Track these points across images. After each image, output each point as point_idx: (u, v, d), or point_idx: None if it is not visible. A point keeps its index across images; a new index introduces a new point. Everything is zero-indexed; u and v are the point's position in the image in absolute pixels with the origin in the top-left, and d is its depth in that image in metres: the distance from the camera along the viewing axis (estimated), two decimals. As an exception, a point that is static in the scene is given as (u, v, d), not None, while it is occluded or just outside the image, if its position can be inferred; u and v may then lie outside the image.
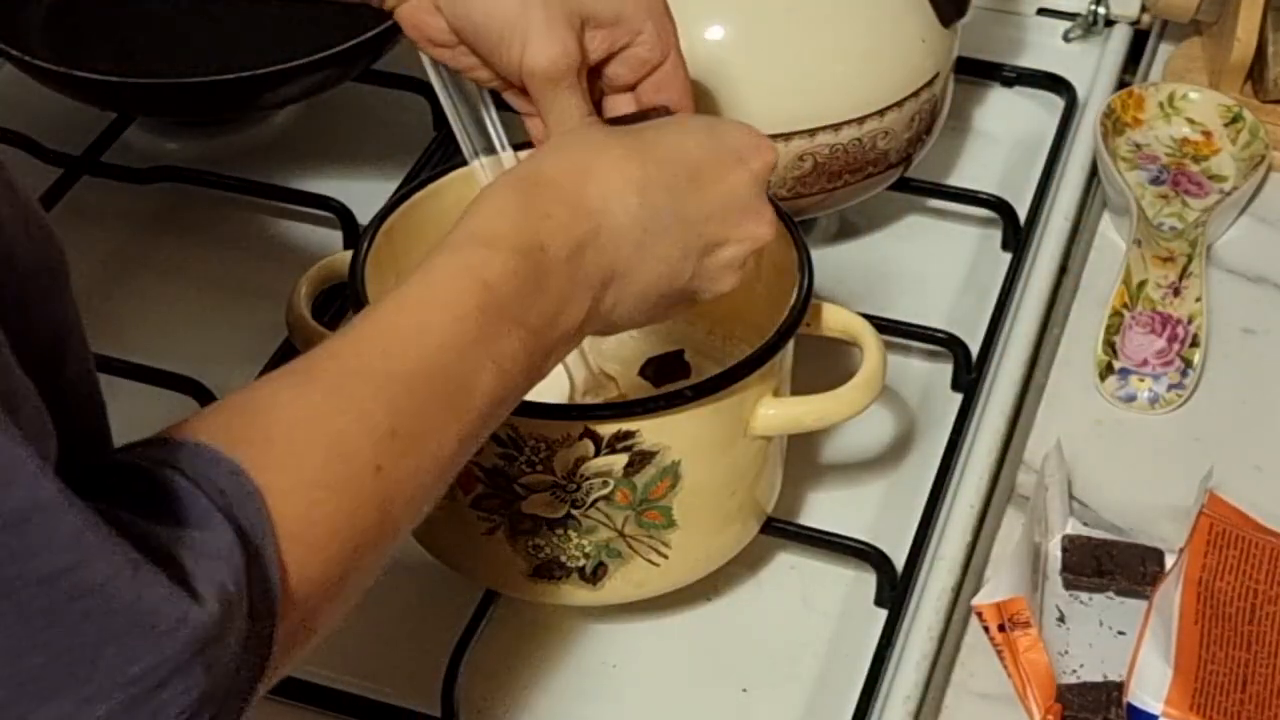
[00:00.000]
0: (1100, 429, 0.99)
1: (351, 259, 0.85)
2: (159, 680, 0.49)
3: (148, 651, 0.49)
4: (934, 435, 1.00)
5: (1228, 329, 1.04)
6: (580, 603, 0.87)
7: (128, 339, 1.04)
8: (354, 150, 1.21)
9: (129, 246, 1.15)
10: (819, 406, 0.85)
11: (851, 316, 0.88)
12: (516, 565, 0.85)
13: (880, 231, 1.15)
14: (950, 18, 1.06)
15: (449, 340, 0.66)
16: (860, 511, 0.96)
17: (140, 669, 0.49)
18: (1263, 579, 0.85)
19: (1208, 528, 0.87)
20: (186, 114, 1.19)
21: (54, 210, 1.13)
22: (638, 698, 0.88)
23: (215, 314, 1.10)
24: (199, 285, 1.12)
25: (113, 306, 1.10)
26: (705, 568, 0.89)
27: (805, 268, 0.85)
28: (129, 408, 1.02)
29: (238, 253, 1.15)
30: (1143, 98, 1.16)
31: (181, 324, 1.09)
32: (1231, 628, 0.83)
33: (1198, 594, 0.84)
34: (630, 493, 0.82)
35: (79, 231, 1.14)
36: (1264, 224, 1.12)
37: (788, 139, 1.01)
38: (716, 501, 0.85)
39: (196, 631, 0.50)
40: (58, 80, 1.14)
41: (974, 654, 0.87)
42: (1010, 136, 1.22)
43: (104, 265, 1.13)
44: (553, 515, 0.82)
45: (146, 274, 1.13)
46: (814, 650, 0.90)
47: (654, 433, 0.80)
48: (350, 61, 1.15)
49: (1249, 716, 0.79)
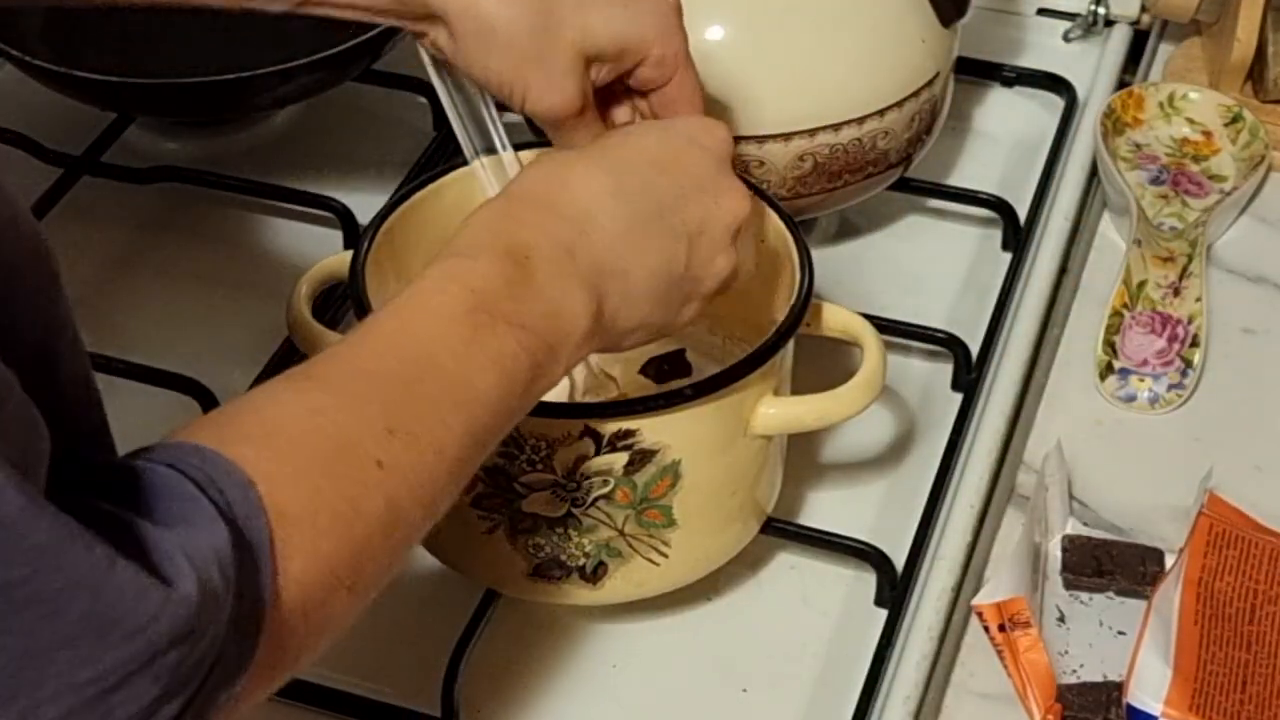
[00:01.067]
0: (1100, 429, 0.99)
1: (352, 259, 0.85)
2: (113, 683, 0.50)
3: (104, 654, 0.49)
4: (934, 435, 1.00)
5: (1228, 329, 1.04)
6: (580, 602, 0.87)
7: (128, 339, 1.04)
8: (354, 150, 1.21)
9: (129, 246, 1.15)
10: (819, 406, 0.85)
11: (852, 316, 0.89)
12: (516, 564, 0.85)
13: (880, 231, 1.15)
14: (950, 18, 1.06)
15: (442, 342, 0.67)
16: (860, 511, 0.96)
17: (93, 673, 0.49)
18: (1263, 579, 0.85)
19: (1207, 528, 0.87)
20: (186, 114, 1.19)
21: (54, 210, 1.13)
22: (638, 698, 0.88)
23: (215, 314, 1.09)
24: (199, 285, 1.12)
25: (113, 306, 1.09)
26: (705, 567, 0.89)
27: (805, 267, 0.85)
28: (129, 408, 1.02)
29: (238, 253, 1.15)
30: (1143, 98, 1.16)
31: (181, 324, 1.09)
32: (1232, 628, 0.83)
33: (1197, 594, 0.84)
34: (630, 492, 0.82)
35: (79, 231, 1.14)
36: (1264, 224, 1.12)
37: (788, 139, 1.01)
38: (717, 501, 0.85)
39: (165, 629, 0.50)
40: (58, 80, 1.14)
41: (974, 654, 0.87)
42: (1010, 136, 1.22)
43: (104, 265, 1.13)
44: (553, 514, 0.82)
45: (146, 274, 1.13)
46: (814, 650, 0.90)
47: (654, 431, 0.80)
48: (350, 61, 1.15)
49: (1249, 717, 0.79)
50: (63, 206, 1.14)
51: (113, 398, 1.06)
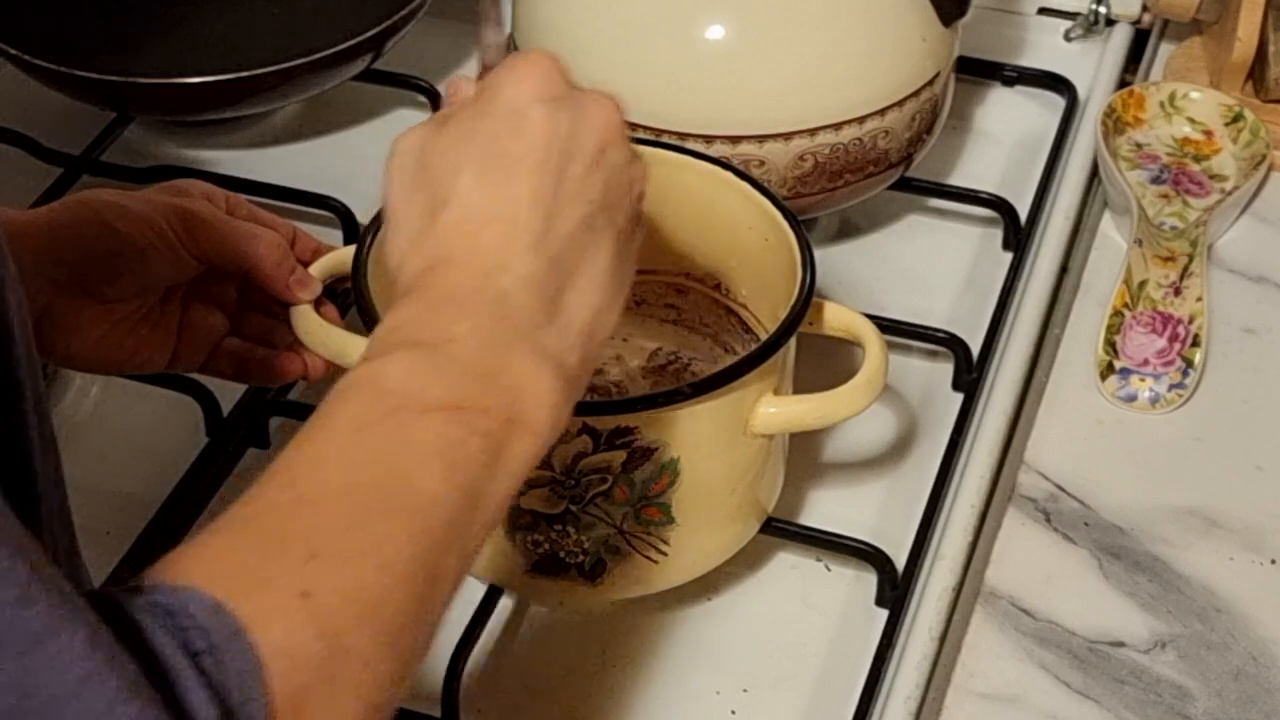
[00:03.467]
0: (1101, 429, 0.98)
1: (353, 258, 0.86)
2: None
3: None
4: (934, 435, 0.99)
5: (1228, 329, 1.04)
6: (580, 599, 0.87)
7: (127, 339, 1.04)
8: (354, 150, 1.21)
9: (129, 246, 1.15)
10: (820, 405, 0.85)
11: (854, 315, 0.88)
12: (515, 561, 0.85)
13: (880, 231, 1.15)
14: (951, 17, 1.06)
15: (355, 453, 0.60)
16: (861, 511, 0.96)
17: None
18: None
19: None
20: (186, 114, 1.19)
21: (54, 210, 1.13)
22: (638, 697, 0.88)
23: (215, 314, 1.09)
24: (199, 285, 1.12)
25: (112, 306, 1.09)
26: (705, 565, 0.89)
27: (807, 265, 0.85)
28: (129, 408, 1.02)
29: (238, 252, 1.14)
30: (1143, 97, 1.16)
31: (181, 324, 1.09)
32: None
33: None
34: (629, 489, 0.82)
35: (79, 231, 1.14)
36: (1265, 224, 1.12)
37: (788, 139, 1.01)
38: (716, 499, 0.85)
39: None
40: (58, 80, 1.14)
41: (974, 654, 0.87)
42: (1011, 136, 1.22)
43: (104, 265, 1.13)
44: (551, 511, 0.82)
45: (146, 274, 1.13)
46: (814, 650, 0.90)
47: (652, 429, 0.80)
48: (350, 60, 1.15)
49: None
50: (62, 206, 1.14)
51: (113, 398, 1.06)
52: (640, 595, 0.88)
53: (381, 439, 0.61)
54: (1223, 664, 0.86)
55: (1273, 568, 0.91)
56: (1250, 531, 0.92)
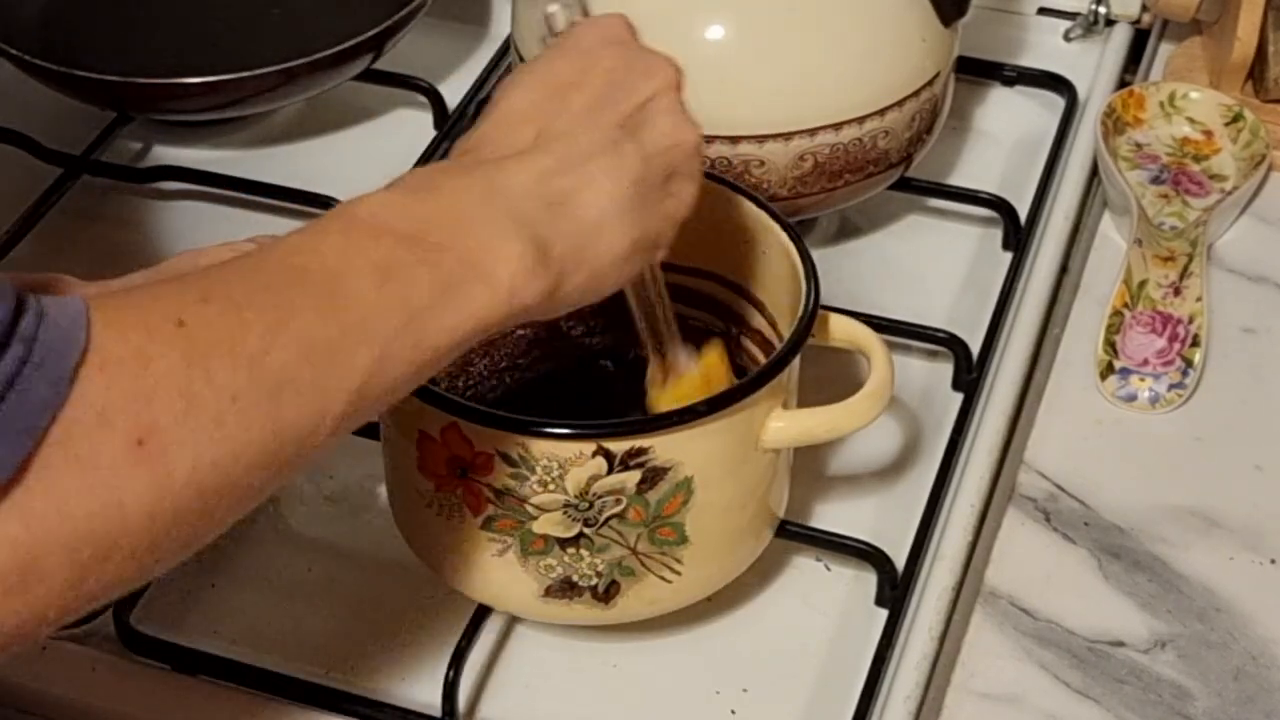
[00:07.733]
0: (1100, 429, 0.98)
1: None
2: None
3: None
4: (934, 435, 0.99)
5: (1228, 328, 1.04)
6: (593, 622, 0.86)
7: (127, 339, 1.04)
8: (354, 150, 1.21)
9: (127, 246, 1.15)
10: (830, 418, 0.85)
11: (858, 326, 0.88)
12: (528, 586, 0.84)
13: (880, 231, 1.15)
14: (951, 17, 1.06)
15: (296, 243, 0.64)
16: (861, 511, 0.96)
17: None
18: None
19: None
20: (186, 114, 1.19)
21: (53, 210, 1.13)
22: (638, 697, 0.88)
23: (215, 314, 1.09)
24: (199, 285, 1.12)
25: (112, 306, 1.09)
26: (719, 583, 0.88)
27: (811, 279, 0.85)
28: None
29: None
30: (1143, 97, 1.16)
31: (181, 324, 1.09)
32: None
33: None
34: (643, 510, 0.81)
35: (78, 231, 1.14)
36: (1264, 224, 1.12)
37: (788, 139, 1.01)
38: (729, 516, 0.85)
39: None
40: (57, 80, 1.14)
41: (974, 654, 0.87)
42: (1010, 136, 1.22)
43: (102, 265, 1.13)
44: (565, 535, 0.82)
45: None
46: (814, 650, 0.90)
47: (666, 449, 0.80)
48: (350, 60, 1.15)
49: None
50: (61, 206, 1.14)
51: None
52: (653, 615, 0.87)
53: (325, 241, 0.64)
54: (1223, 664, 0.86)
55: (1272, 568, 0.91)
56: (1250, 531, 0.93)
